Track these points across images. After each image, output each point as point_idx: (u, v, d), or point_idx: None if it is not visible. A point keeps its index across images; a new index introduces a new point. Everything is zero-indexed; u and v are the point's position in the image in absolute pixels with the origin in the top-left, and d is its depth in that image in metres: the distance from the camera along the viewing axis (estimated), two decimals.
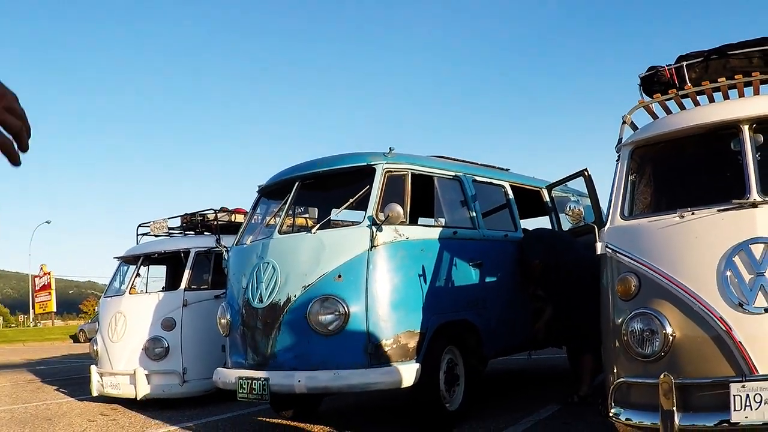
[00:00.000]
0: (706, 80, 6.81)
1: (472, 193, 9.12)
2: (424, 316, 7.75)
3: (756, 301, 5.11)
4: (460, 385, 8.38)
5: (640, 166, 6.75)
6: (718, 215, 5.55)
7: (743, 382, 5.03)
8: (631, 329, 5.57)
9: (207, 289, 11.68)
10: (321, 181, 8.63)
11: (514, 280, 9.54)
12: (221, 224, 12.22)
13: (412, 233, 7.97)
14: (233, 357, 8.59)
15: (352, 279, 7.53)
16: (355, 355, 7.43)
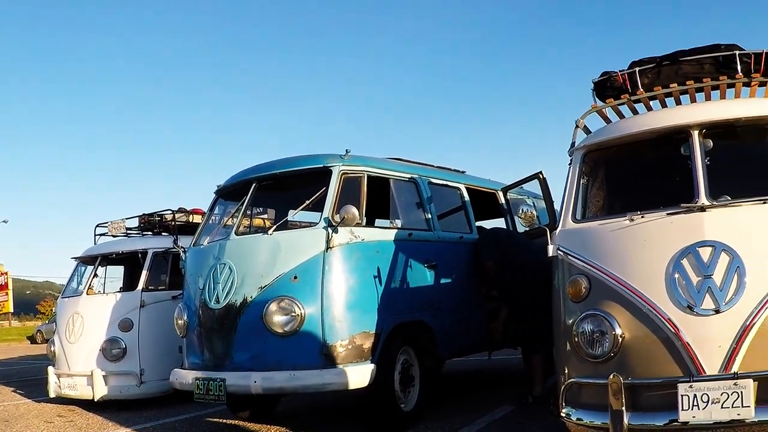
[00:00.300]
0: (658, 86, 6.92)
1: (428, 195, 9.20)
2: (379, 317, 7.81)
3: (703, 303, 5.21)
4: (415, 385, 8.46)
5: (592, 169, 6.84)
6: (667, 219, 5.65)
7: (691, 382, 5.12)
8: (581, 330, 5.65)
9: (164, 289, 11.66)
10: (278, 183, 8.65)
11: (468, 282, 9.60)
12: (179, 225, 12.20)
13: (367, 235, 8.04)
14: (190, 358, 8.59)
15: (308, 280, 7.57)
16: (311, 355, 7.48)
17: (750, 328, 5.11)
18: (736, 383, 5.01)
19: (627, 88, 7.07)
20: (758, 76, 6.72)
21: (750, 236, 5.39)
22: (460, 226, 9.94)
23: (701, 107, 6.53)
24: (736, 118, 6.03)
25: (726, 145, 6.17)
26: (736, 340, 5.11)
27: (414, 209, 9.13)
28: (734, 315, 5.15)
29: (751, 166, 6.70)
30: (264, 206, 10.33)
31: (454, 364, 13.24)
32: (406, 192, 9.06)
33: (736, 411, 4.99)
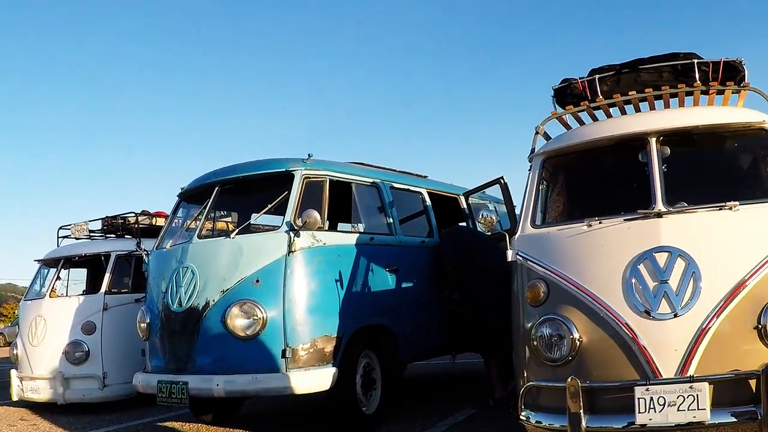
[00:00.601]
0: (617, 93, 7.01)
1: (390, 199, 9.27)
2: (340, 321, 7.86)
3: (660, 308, 5.28)
4: (377, 389, 8.52)
5: (552, 175, 6.91)
6: (624, 224, 5.72)
7: (647, 385, 5.19)
8: (540, 334, 5.69)
9: (127, 292, 11.63)
10: (241, 186, 8.68)
11: (430, 286, 9.66)
12: (142, 227, 12.16)
13: (329, 239, 8.08)
14: (153, 361, 8.59)
15: (270, 284, 7.61)
16: (273, 359, 7.50)
17: (705, 333, 5.19)
18: (691, 386, 5.09)
19: (586, 95, 7.14)
20: (716, 84, 6.81)
21: (705, 242, 5.47)
22: (421, 231, 10.02)
23: (659, 115, 6.63)
24: (693, 125, 6.12)
25: (683, 152, 6.25)
26: (692, 344, 5.18)
27: (376, 213, 9.20)
28: (690, 319, 5.22)
29: (708, 173, 6.80)
30: (227, 209, 10.36)
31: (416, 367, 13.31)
32: (368, 196, 9.14)
33: (692, 414, 5.06)
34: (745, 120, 6.33)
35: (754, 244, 5.50)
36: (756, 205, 5.75)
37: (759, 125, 6.25)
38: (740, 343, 5.24)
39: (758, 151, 6.52)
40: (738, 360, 5.20)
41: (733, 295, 5.26)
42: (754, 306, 5.26)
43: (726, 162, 6.80)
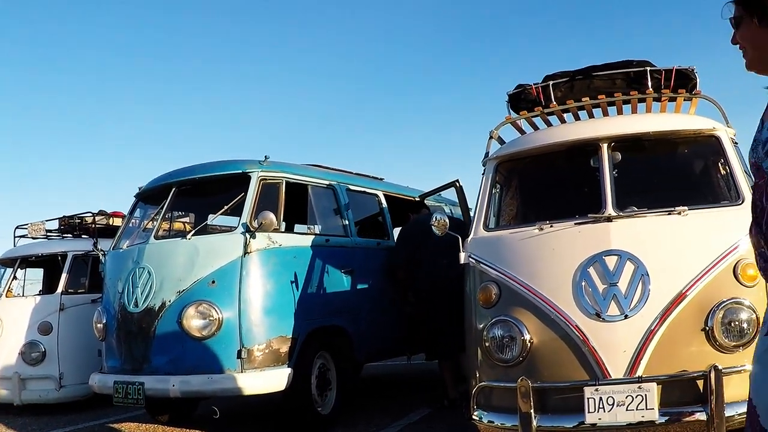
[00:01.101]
0: (571, 99, 7.11)
1: (346, 201, 9.33)
2: (296, 322, 7.91)
3: (609, 310, 5.39)
4: (332, 389, 8.56)
5: (506, 179, 7.01)
6: (575, 228, 5.82)
7: (597, 386, 5.29)
8: (491, 335, 5.78)
9: (84, 293, 11.51)
10: (197, 187, 8.69)
11: (385, 287, 9.74)
12: (99, 227, 12.10)
13: (285, 240, 8.13)
14: (109, 361, 8.56)
15: (226, 285, 7.64)
16: (229, 359, 7.53)
17: (654, 334, 5.30)
18: (640, 386, 5.20)
19: (540, 101, 7.23)
20: (668, 92, 6.92)
21: (654, 246, 5.58)
22: (377, 233, 10.12)
23: (611, 121, 6.76)
24: (644, 132, 6.24)
25: (634, 158, 6.37)
26: (641, 345, 5.28)
27: (332, 215, 9.26)
28: (639, 321, 5.33)
29: (658, 178, 6.92)
30: (184, 210, 10.34)
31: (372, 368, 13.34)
32: (324, 198, 9.20)
33: (641, 413, 5.17)
34: (695, 127, 6.45)
35: (702, 248, 5.62)
36: (704, 211, 5.87)
37: (709, 132, 6.38)
38: (688, 345, 5.36)
39: (708, 158, 6.65)
40: (686, 361, 5.32)
41: (681, 298, 5.39)
42: (701, 308, 5.38)
43: (676, 168, 6.92)
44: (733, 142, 6.44)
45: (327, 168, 9.92)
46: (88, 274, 11.69)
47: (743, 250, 5.55)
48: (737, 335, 5.31)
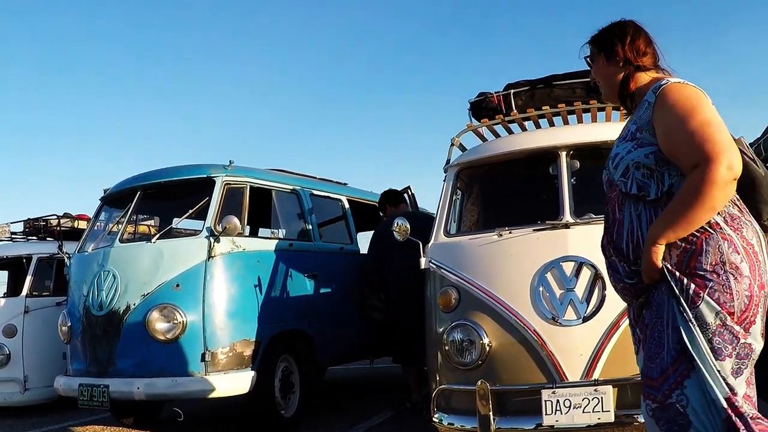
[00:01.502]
0: (531, 107, 7.20)
1: (309, 206, 9.40)
2: (259, 325, 7.97)
3: (566, 315, 5.50)
4: (295, 392, 8.62)
5: (467, 185, 7.10)
6: (533, 234, 5.92)
7: (554, 388, 5.41)
8: (451, 339, 5.87)
9: (49, 295, 11.45)
10: (162, 191, 8.74)
11: (348, 291, 9.80)
12: (64, 230, 12.08)
13: (248, 244, 8.20)
14: (74, 364, 8.58)
15: (190, 288, 7.69)
16: (193, 362, 7.59)
17: (609, 338, 5.41)
18: (596, 389, 5.30)
19: (502, 109, 7.32)
20: None
21: None
22: (341, 237, 10.17)
23: (569, 130, 6.85)
24: (602, 141, 6.30)
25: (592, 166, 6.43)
26: (597, 349, 5.39)
27: (295, 220, 9.33)
28: (595, 326, 5.44)
29: None
30: (149, 214, 10.37)
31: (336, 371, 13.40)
32: (287, 203, 9.26)
33: (597, 415, 5.28)
34: None
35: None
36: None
37: None
38: None
39: None
40: None
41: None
42: None
43: None
44: None
45: (291, 173, 9.98)
46: (53, 277, 11.63)
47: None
48: None
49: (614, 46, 3.50)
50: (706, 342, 2.98)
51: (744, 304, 2.99)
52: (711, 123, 3.03)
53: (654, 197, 3.18)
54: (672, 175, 3.15)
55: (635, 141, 3.27)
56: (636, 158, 3.23)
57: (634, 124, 3.34)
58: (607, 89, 3.64)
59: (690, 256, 3.04)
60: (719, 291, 2.98)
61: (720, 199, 2.96)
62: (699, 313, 2.99)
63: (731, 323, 2.97)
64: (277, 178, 9.25)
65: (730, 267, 2.99)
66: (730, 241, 3.03)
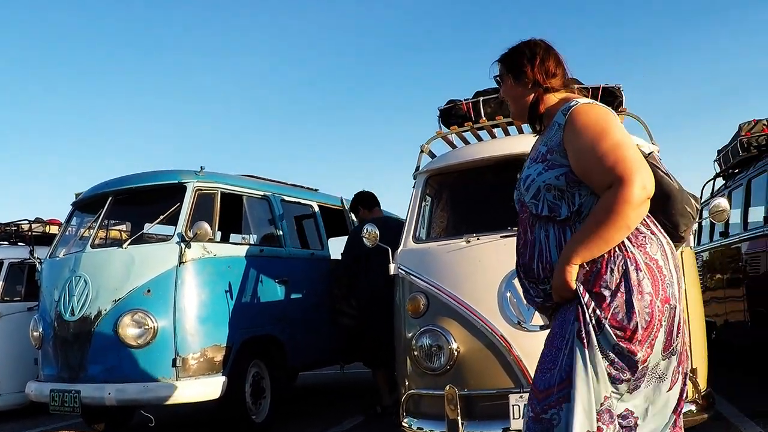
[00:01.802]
0: (500, 115, 7.23)
1: (280, 212, 9.44)
2: (230, 331, 8.00)
3: (532, 320, 5.55)
4: (266, 397, 8.66)
5: (436, 192, 7.16)
6: (501, 240, 5.99)
7: (521, 393, 5.46)
8: (420, 344, 5.93)
9: (20, 301, 11.39)
10: (134, 197, 8.74)
11: (319, 296, 9.85)
12: (35, 235, 12.06)
13: (219, 250, 8.24)
14: (45, 370, 8.57)
15: (161, 294, 7.72)
16: (164, 367, 7.61)
17: None
18: None
19: (471, 117, 7.36)
20: None
21: None
22: (312, 243, 10.24)
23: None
24: None
25: None
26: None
27: (266, 226, 9.39)
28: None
29: None
30: (120, 219, 10.40)
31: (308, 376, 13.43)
32: (258, 209, 9.32)
33: None
34: None
35: None
36: None
37: None
38: None
39: None
40: None
41: None
42: None
43: None
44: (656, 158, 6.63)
45: (262, 179, 10.03)
46: (25, 282, 11.59)
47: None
48: None
49: (523, 67, 3.48)
50: (601, 366, 3.02)
51: (645, 321, 3.01)
52: (622, 144, 3.08)
53: (564, 217, 3.20)
54: (582, 195, 3.18)
55: (546, 162, 3.27)
56: (547, 180, 3.23)
57: (544, 145, 3.34)
58: (515, 110, 3.63)
59: (595, 276, 3.07)
60: (621, 311, 3.00)
61: (634, 218, 3.00)
62: (602, 339, 3.02)
63: (631, 345, 3.00)
64: (247, 183, 9.30)
65: (633, 285, 3.02)
66: (632, 258, 3.06)
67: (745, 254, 9.62)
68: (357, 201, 9.80)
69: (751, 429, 7.17)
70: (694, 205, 3.60)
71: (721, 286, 10.86)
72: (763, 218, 9.02)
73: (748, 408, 8.02)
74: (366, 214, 9.57)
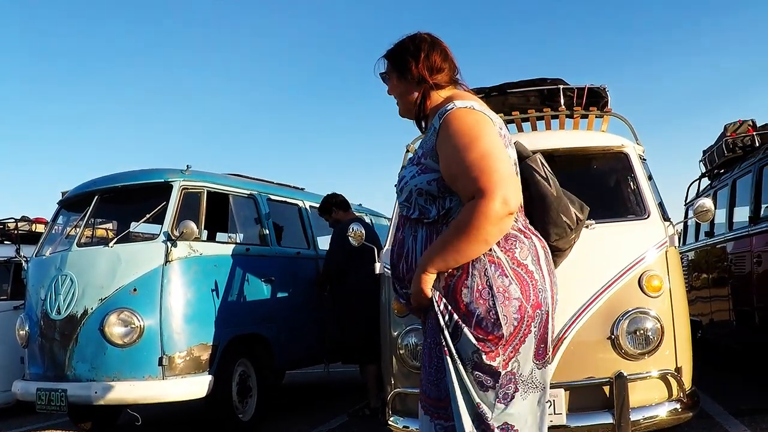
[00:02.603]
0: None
1: (267, 211, 9.46)
2: (216, 330, 8.02)
3: None
4: (253, 396, 8.68)
5: None
6: None
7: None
8: (405, 343, 5.93)
9: (6, 299, 11.38)
10: (120, 195, 8.75)
11: (305, 295, 9.87)
12: (22, 234, 12.03)
13: (206, 249, 8.24)
14: (32, 368, 8.56)
15: (147, 292, 7.72)
16: (150, 366, 7.60)
17: (562, 341, 5.50)
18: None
19: None
20: (579, 109, 7.12)
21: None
22: (298, 242, 10.24)
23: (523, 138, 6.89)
24: (554, 148, 6.41)
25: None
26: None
27: (252, 225, 9.39)
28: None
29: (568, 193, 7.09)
30: (107, 218, 10.39)
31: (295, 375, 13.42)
32: (245, 208, 9.33)
33: (550, 418, 5.30)
34: (605, 144, 6.67)
35: (609, 260, 5.82)
36: (611, 224, 6.07)
37: (618, 149, 6.60)
38: (595, 352, 5.57)
39: (617, 174, 6.84)
40: (593, 368, 5.54)
41: (588, 307, 5.57)
42: (607, 317, 5.59)
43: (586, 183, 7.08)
44: (641, 159, 6.66)
45: (248, 177, 10.04)
46: (11, 281, 11.57)
47: (649, 262, 5.81)
48: (642, 343, 5.55)
49: (408, 63, 3.36)
50: (466, 375, 2.98)
51: (513, 326, 2.95)
52: (490, 155, 2.94)
53: (432, 219, 3.13)
54: (453, 200, 3.09)
55: (420, 166, 3.19)
56: (418, 184, 3.16)
57: (421, 148, 3.26)
58: (402, 108, 3.49)
59: (456, 280, 3.00)
60: (485, 317, 2.93)
61: (493, 233, 2.89)
62: (460, 347, 2.97)
63: (491, 352, 2.95)
64: (234, 182, 9.31)
65: (498, 290, 2.95)
66: (498, 264, 2.99)
67: (730, 254, 9.66)
68: (331, 203, 9.71)
69: (736, 427, 7.20)
70: (574, 215, 3.61)
71: (706, 285, 10.90)
72: (748, 218, 9.06)
73: (733, 406, 8.07)
74: (342, 215, 9.56)
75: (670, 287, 5.82)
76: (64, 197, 9.33)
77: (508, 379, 2.98)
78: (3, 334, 10.76)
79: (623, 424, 5.32)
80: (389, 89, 3.49)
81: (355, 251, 7.92)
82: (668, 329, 5.65)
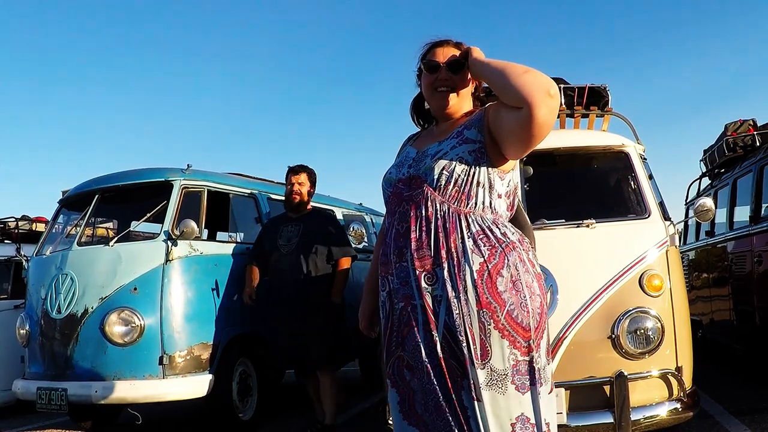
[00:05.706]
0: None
1: (267, 210, 9.45)
2: (217, 329, 8.03)
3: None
4: (253, 395, 8.70)
5: None
6: None
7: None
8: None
9: (7, 298, 11.39)
10: (120, 195, 8.75)
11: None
12: (22, 233, 12.04)
13: (206, 248, 8.25)
14: (32, 368, 8.57)
15: (148, 292, 7.72)
16: (151, 365, 7.60)
17: (562, 341, 5.50)
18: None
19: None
20: (580, 109, 7.08)
21: (562, 257, 5.75)
22: None
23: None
24: (554, 147, 6.40)
25: (545, 172, 6.52)
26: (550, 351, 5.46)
27: (253, 224, 9.37)
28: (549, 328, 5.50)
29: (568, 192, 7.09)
30: (107, 217, 10.39)
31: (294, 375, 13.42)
32: (245, 207, 9.34)
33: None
34: (605, 143, 6.63)
35: (609, 259, 5.81)
36: (612, 223, 6.07)
37: (618, 148, 6.57)
38: (595, 352, 5.57)
39: (617, 173, 6.85)
40: (593, 367, 5.54)
41: (588, 307, 5.57)
42: (607, 317, 5.59)
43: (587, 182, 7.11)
44: (642, 158, 6.65)
45: (249, 177, 10.04)
46: (11, 280, 11.58)
47: (650, 262, 5.80)
48: (643, 343, 5.55)
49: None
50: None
51: (536, 321, 3.04)
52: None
53: (463, 189, 3.17)
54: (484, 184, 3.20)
55: (460, 137, 3.29)
56: (460, 153, 3.23)
57: (462, 126, 3.37)
58: (455, 104, 3.46)
59: (491, 268, 3.03)
60: (518, 309, 3.00)
61: (539, 95, 2.87)
62: (493, 353, 3.00)
63: (525, 352, 3.01)
64: (234, 182, 9.32)
65: (525, 285, 3.05)
66: (523, 261, 3.10)
67: (730, 253, 9.67)
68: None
69: (736, 427, 7.20)
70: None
71: (707, 285, 10.90)
72: (748, 218, 9.06)
73: (734, 406, 8.07)
74: None
75: (670, 287, 5.81)
76: (64, 196, 9.32)
77: (539, 375, 3.05)
78: (3, 333, 10.76)
79: (623, 424, 5.32)
80: (458, 79, 3.38)
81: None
82: (669, 329, 5.64)
